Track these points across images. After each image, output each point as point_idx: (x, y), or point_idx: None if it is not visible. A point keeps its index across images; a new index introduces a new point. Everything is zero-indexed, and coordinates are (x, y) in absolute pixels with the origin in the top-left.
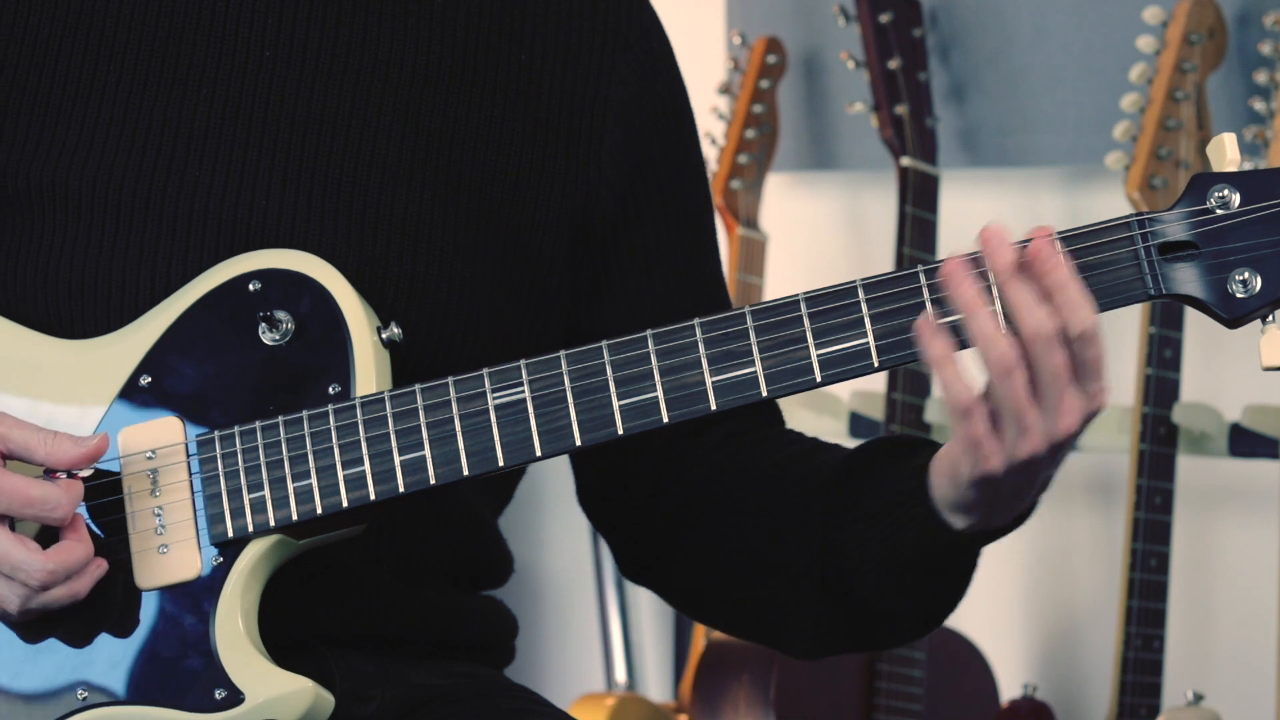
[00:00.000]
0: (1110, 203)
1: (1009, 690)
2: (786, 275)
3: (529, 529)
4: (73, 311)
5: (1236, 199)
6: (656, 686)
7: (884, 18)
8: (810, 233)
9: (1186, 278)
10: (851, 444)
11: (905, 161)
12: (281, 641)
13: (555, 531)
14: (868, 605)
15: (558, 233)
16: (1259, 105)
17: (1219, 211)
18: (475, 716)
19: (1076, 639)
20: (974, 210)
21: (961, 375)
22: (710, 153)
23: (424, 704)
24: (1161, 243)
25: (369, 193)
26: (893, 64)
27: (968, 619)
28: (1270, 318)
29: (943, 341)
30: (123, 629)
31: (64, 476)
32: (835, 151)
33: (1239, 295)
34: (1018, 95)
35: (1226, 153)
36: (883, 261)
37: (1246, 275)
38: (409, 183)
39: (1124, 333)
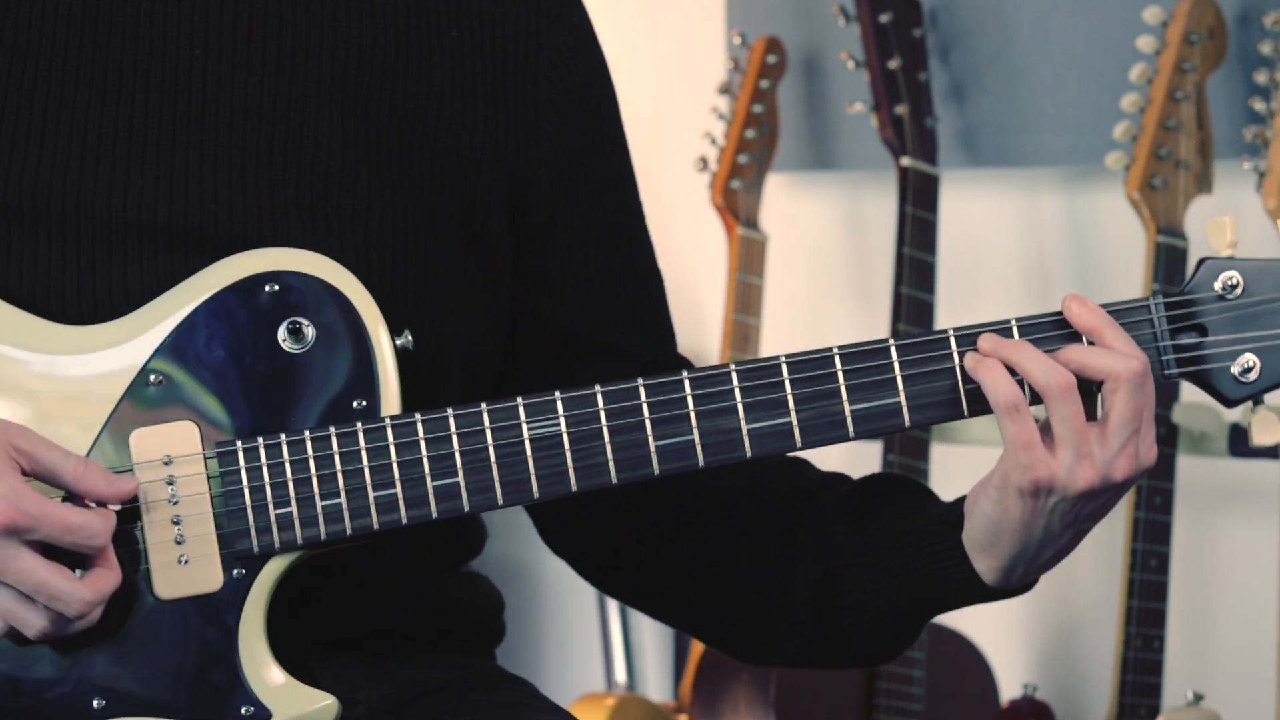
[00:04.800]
0: (1110, 203)
1: (1009, 690)
2: (786, 275)
3: (529, 529)
4: None
5: (1242, 286)
6: (656, 686)
7: (884, 18)
8: (810, 233)
9: (1194, 359)
10: (853, 444)
11: (905, 161)
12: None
13: None
14: (849, 638)
15: (500, 209)
16: (1259, 105)
17: (1226, 299)
18: (465, 710)
19: (1076, 639)
20: (974, 210)
21: (1006, 375)
22: (710, 153)
23: (413, 700)
24: (1175, 326)
25: (315, 185)
26: (893, 64)
27: (968, 619)
28: (1260, 399)
29: (990, 348)
30: (141, 639)
31: (93, 504)
32: (835, 151)
33: (1241, 380)
34: (1018, 95)
35: (1227, 236)
36: (883, 261)
37: (1249, 361)
38: (354, 170)
39: None
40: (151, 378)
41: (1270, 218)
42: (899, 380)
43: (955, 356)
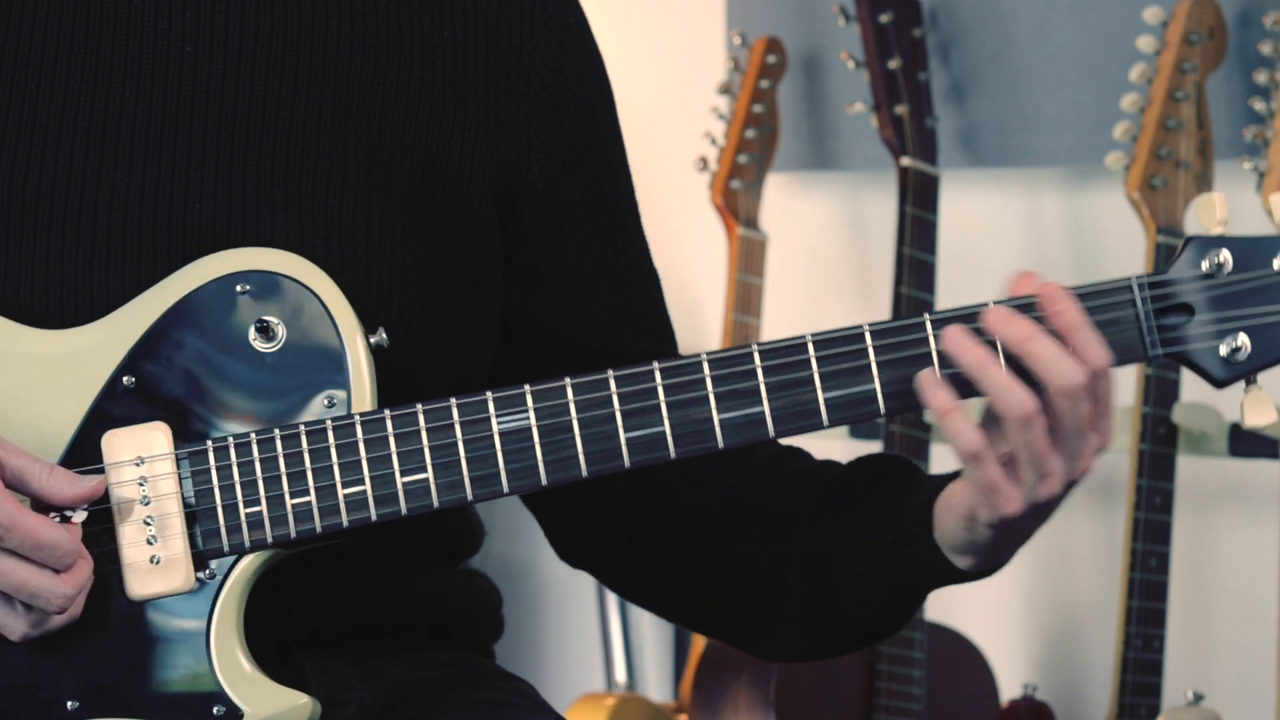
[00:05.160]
0: (1110, 203)
1: (1009, 690)
2: (786, 275)
3: (529, 529)
4: None
5: (1230, 264)
6: (656, 686)
7: (884, 18)
8: (810, 233)
9: (1181, 339)
10: (852, 444)
11: (905, 161)
12: (256, 649)
13: None
14: (852, 621)
15: (489, 208)
16: (1259, 105)
17: (1214, 277)
18: (451, 708)
19: (1076, 639)
20: (974, 210)
21: (968, 423)
22: (710, 153)
23: (405, 698)
24: (1160, 306)
25: (303, 185)
26: (893, 64)
27: (968, 619)
28: (1253, 379)
29: (945, 393)
30: (114, 640)
31: (60, 512)
32: (835, 151)
33: (1231, 360)
34: (1018, 95)
35: (1216, 213)
36: (883, 261)
37: (1239, 341)
38: (343, 170)
39: None
40: (124, 380)
41: (1270, 217)
42: (874, 367)
43: (931, 341)
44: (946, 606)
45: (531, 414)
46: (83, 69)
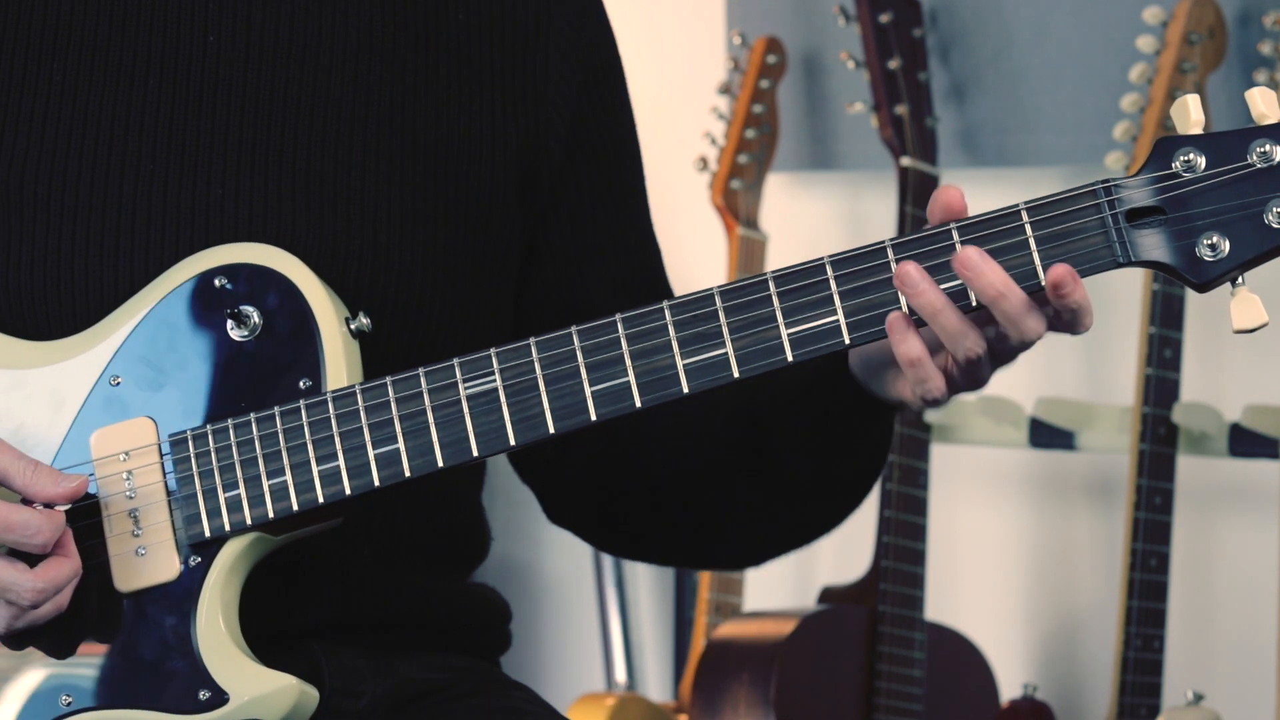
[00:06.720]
0: None
1: (1009, 690)
2: None
3: (529, 529)
4: (37, 318)
5: (1202, 162)
6: (656, 686)
7: (884, 18)
8: (810, 233)
9: (1154, 244)
10: None
11: (905, 161)
12: (271, 637)
13: (555, 531)
14: (795, 478)
15: (509, 188)
16: None
17: (1185, 175)
18: (466, 713)
19: (1076, 639)
20: (974, 210)
21: (934, 372)
22: (710, 153)
23: (416, 699)
24: (1129, 209)
25: (324, 170)
26: (893, 64)
27: (968, 619)
28: (1239, 280)
29: (915, 340)
30: (104, 633)
31: (41, 507)
32: (835, 151)
33: (1208, 259)
34: (1018, 95)
35: (1190, 114)
36: None
37: (1215, 239)
38: (363, 155)
39: (1124, 333)
40: (112, 380)
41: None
42: (836, 297)
43: (893, 266)
44: (946, 606)
45: (498, 376)
46: (106, 58)
